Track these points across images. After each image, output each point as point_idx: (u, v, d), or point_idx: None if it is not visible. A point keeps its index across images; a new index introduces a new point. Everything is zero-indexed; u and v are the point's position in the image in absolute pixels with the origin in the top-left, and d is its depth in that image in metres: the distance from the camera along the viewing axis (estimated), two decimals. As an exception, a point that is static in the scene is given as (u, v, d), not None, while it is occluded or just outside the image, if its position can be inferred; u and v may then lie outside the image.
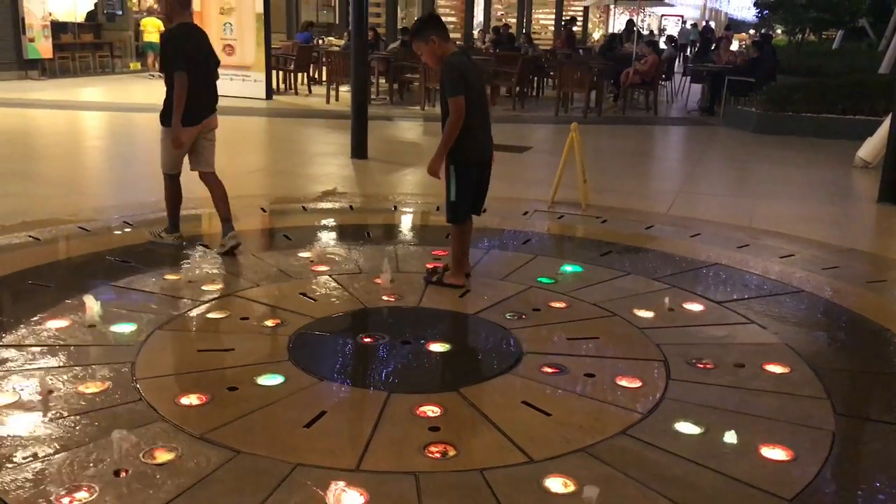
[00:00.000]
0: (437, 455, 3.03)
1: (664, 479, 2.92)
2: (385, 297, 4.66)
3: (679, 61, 21.69)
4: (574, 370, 3.78)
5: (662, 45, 20.38)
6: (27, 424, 3.13)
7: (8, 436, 3.04)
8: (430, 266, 5.13)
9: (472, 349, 4.19)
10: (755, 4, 25.99)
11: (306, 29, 17.69)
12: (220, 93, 5.58)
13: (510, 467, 2.97)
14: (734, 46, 20.44)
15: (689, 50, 27.71)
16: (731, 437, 3.22)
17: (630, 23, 20.07)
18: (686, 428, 3.29)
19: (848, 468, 3.11)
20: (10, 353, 3.77)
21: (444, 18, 18.89)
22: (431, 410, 3.34)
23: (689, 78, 17.48)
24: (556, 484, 2.86)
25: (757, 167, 9.86)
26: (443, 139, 4.62)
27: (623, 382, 3.68)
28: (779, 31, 31.65)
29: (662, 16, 45.35)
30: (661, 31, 40.63)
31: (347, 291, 4.78)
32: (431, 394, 3.48)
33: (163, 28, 5.38)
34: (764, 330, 4.38)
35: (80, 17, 19.43)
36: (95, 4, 19.65)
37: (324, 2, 27.51)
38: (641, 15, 40.37)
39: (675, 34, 37.69)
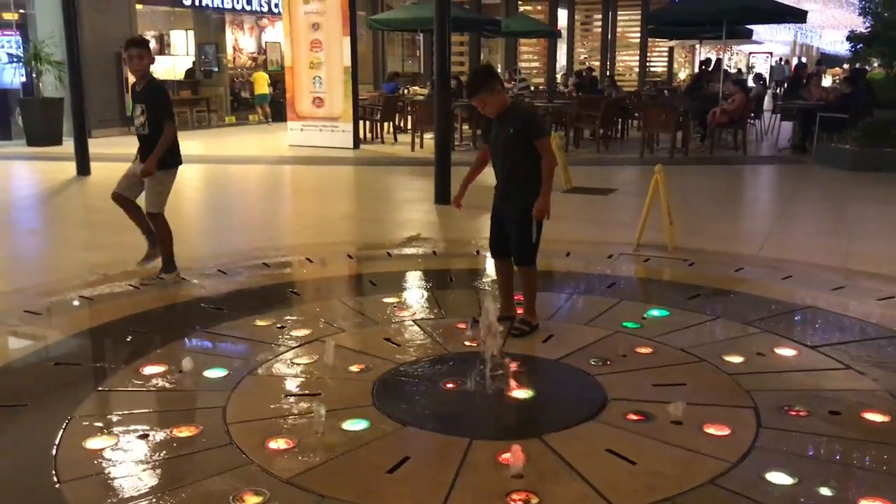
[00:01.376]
0: (520, 501, 3.01)
1: (756, 532, 2.82)
2: (467, 343, 4.68)
3: (769, 98, 21.23)
4: (660, 417, 3.70)
5: (751, 83, 20.03)
6: (123, 466, 3.26)
7: (104, 477, 3.18)
8: (520, 312, 5.13)
9: (556, 395, 4.16)
10: (848, 38, 25.21)
11: (392, 80, 18.15)
12: (310, 143, 5.82)
13: (594, 516, 2.92)
14: (826, 82, 19.91)
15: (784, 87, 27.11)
16: (826, 489, 3.09)
17: (718, 61, 19.78)
18: (778, 478, 3.18)
19: (956, 524, 2.94)
20: (109, 396, 3.95)
21: (527, 64, 19.18)
22: (515, 459, 3.32)
23: (779, 116, 17.07)
24: (642, 535, 2.80)
25: (852, 206, 9.52)
26: (546, 181, 4.66)
27: (711, 430, 3.58)
28: (875, 65, 30.64)
29: (750, 53, 44.56)
30: (750, 68, 39.91)
31: (430, 336, 4.83)
32: (514, 440, 3.46)
33: (153, 81, 5.79)
34: (862, 376, 4.20)
35: (178, 75, 20.45)
36: (193, 62, 20.65)
37: (409, 53, 28.20)
38: (728, 53, 39.81)
39: (765, 71, 37.10)
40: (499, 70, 28.44)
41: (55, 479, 3.17)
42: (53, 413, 3.75)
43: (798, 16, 15.02)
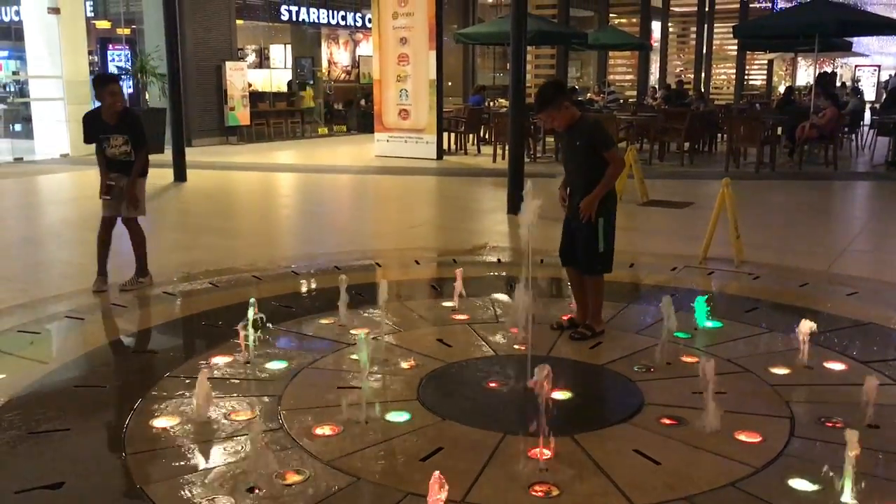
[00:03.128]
0: (541, 494, 3.17)
1: (766, 533, 2.90)
2: (517, 346, 4.85)
3: (869, 113, 20.49)
4: (693, 423, 3.78)
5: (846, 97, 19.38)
6: (182, 443, 3.59)
7: (165, 452, 3.51)
8: (565, 318, 5.27)
9: (594, 398, 4.29)
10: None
11: (478, 92, 18.42)
12: (395, 154, 6.07)
13: (609, 510, 3.06)
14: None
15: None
16: (848, 497, 3.12)
17: (823, 75, 19.23)
18: (800, 485, 3.24)
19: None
20: (179, 382, 4.31)
21: (620, 77, 19.06)
22: (542, 453, 3.48)
23: (874, 131, 16.50)
24: (653, 529, 2.92)
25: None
26: (602, 185, 4.85)
27: (742, 437, 3.65)
28: None
29: (856, 66, 42.94)
30: (856, 82, 38.49)
31: (482, 339, 5.02)
32: (545, 438, 3.61)
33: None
34: (912, 393, 4.17)
35: (274, 87, 21.31)
36: (289, 83, 21.46)
37: (500, 66, 28.45)
38: (831, 66, 38.52)
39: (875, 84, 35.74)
40: (590, 83, 28.43)
41: (123, 451, 3.53)
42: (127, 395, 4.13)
43: (895, 27, 14.51)
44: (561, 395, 4.13)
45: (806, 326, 4.58)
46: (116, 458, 3.50)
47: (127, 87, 16.93)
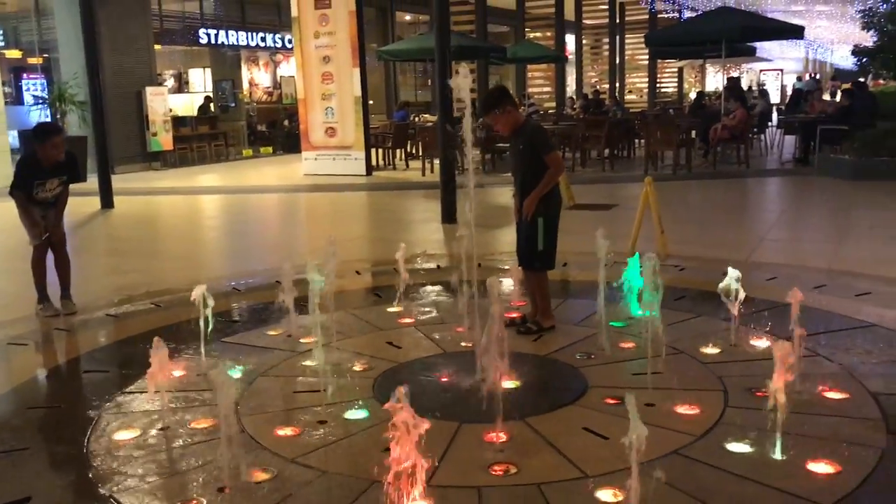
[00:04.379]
0: (500, 472, 3.36)
1: (709, 490, 3.16)
2: (463, 344, 5.03)
3: (775, 114, 21.50)
4: (635, 401, 4.02)
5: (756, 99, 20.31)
6: (146, 452, 3.65)
7: (130, 461, 3.57)
8: (509, 316, 5.49)
9: (542, 385, 4.50)
10: (853, 53, 25.50)
11: (402, 108, 18.67)
12: (324, 172, 6.16)
13: (565, 482, 3.27)
14: (827, 96, 20.18)
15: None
16: (778, 454, 3.40)
17: (732, 80, 20.10)
18: (736, 448, 3.51)
19: (890, 480, 3.25)
20: (135, 397, 4.35)
21: (538, 89, 19.51)
22: (498, 437, 3.67)
23: (781, 130, 17.38)
24: (607, 495, 3.15)
25: (846, 213, 9.81)
26: (541, 186, 5.10)
27: (681, 410, 3.92)
28: (880, 80, 30.87)
29: (761, 71, 44.84)
30: (761, 85, 40.15)
31: (430, 339, 5.20)
32: (499, 423, 3.81)
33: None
34: (829, 362, 4.53)
35: (196, 111, 21.12)
36: (206, 98, 21.30)
37: (421, 82, 28.80)
38: (738, 71, 40.13)
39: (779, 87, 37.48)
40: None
41: (87, 464, 3.57)
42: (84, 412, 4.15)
43: (796, 32, 15.35)
44: (511, 384, 4.33)
45: (732, 309, 4.91)
46: (81, 470, 3.54)
47: (44, 116, 16.57)
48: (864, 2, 25.37)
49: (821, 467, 3.29)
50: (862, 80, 25.29)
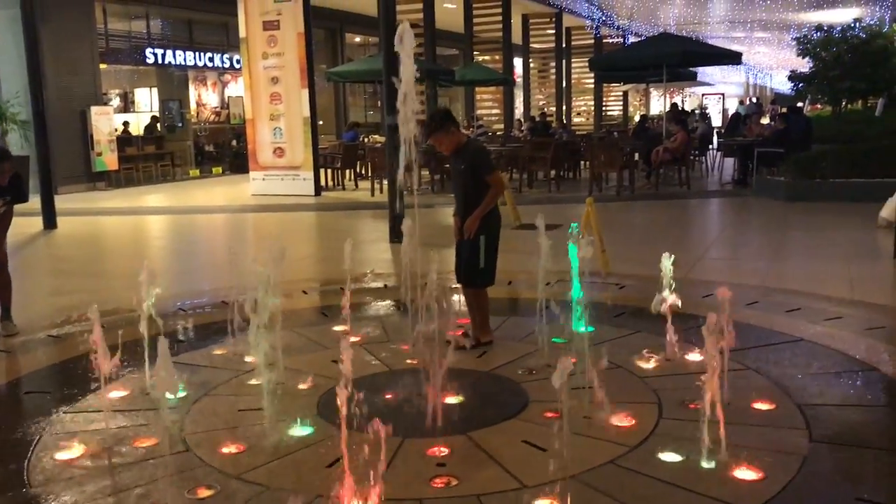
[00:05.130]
0: (441, 485, 3.45)
1: (641, 498, 3.29)
2: (409, 361, 5.12)
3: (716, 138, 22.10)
4: (574, 414, 4.15)
5: (697, 122, 20.91)
6: (88, 472, 3.66)
7: (72, 481, 3.57)
8: (452, 333, 5.58)
9: (484, 400, 4.61)
10: (789, 78, 26.41)
11: (352, 129, 18.75)
12: (272, 192, 6.20)
13: (504, 492, 3.37)
14: (767, 119, 20.86)
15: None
16: (707, 462, 3.56)
17: (674, 105, 20.72)
18: (668, 457, 3.66)
19: (811, 485, 3.42)
20: (78, 416, 4.34)
21: (487, 111, 19.74)
22: (440, 451, 3.76)
23: (721, 153, 17.90)
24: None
25: (780, 233, 10.17)
26: (483, 205, 5.24)
27: (617, 422, 4.06)
28: (817, 104, 31.98)
29: (704, 95, 46.08)
30: (704, 109, 41.23)
31: (376, 357, 5.27)
32: (442, 437, 3.90)
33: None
34: (757, 374, 4.72)
35: (143, 131, 20.92)
36: (153, 117, 21.12)
37: (371, 103, 28.93)
38: (680, 95, 41.18)
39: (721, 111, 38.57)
40: (459, 118, 29.29)
41: (28, 485, 3.56)
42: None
43: (733, 58, 15.89)
44: (454, 399, 4.43)
45: (668, 325, 5.09)
46: (21, 491, 3.53)
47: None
48: (799, 29, 26.33)
49: (746, 474, 3.45)
50: (800, 104, 26.21)
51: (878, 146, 13.00)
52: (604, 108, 33.61)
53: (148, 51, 20.57)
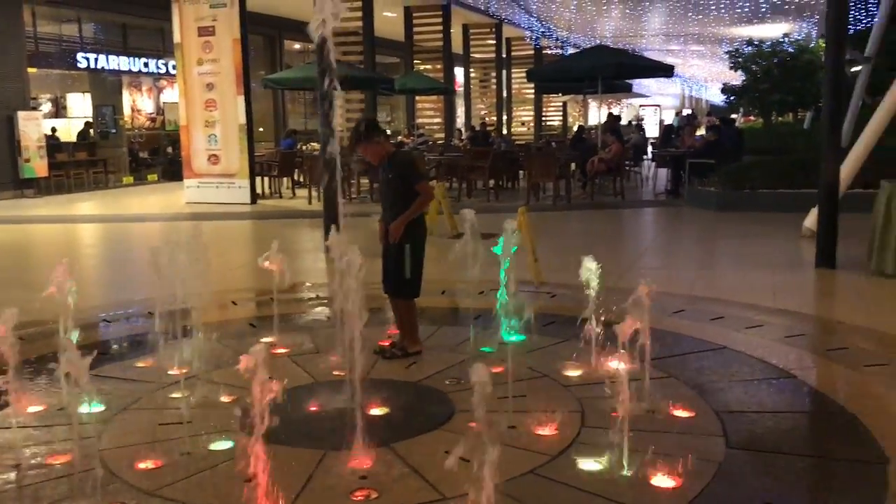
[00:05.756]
0: (361, 498, 3.43)
1: (560, 507, 3.31)
2: (336, 372, 5.08)
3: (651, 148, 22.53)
4: (499, 424, 4.17)
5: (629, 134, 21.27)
6: (4, 491, 3.54)
7: (-20, 500, 3.45)
8: (382, 343, 5.57)
9: (410, 411, 4.60)
10: (722, 91, 27.14)
11: (289, 136, 18.58)
12: (207, 200, 6.11)
13: (424, 504, 3.36)
14: (703, 131, 21.35)
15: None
16: (626, 470, 3.61)
17: (610, 115, 21.06)
18: (588, 465, 3.70)
19: (724, 492, 3.49)
20: (-12, 434, 4.19)
21: (428, 120, 19.68)
22: (362, 463, 3.74)
23: (654, 164, 18.26)
24: (463, 515, 3.24)
25: (709, 242, 10.41)
26: (409, 211, 5.25)
27: (540, 431, 4.09)
28: (751, 116, 32.93)
29: (641, 106, 47.00)
30: (640, 120, 42.06)
31: (303, 369, 5.22)
32: (365, 450, 3.87)
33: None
34: (679, 382, 4.81)
35: (75, 137, 20.42)
36: (86, 123, 20.63)
37: (311, 111, 28.75)
38: (618, 107, 41.91)
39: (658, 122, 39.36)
40: (400, 126, 29.31)
41: (-70, 504, 3.42)
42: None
43: (666, 70, 16.23)
44: (379, 410, 4.41)
45: (592, 333, 5.14)
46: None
47: None
48: (731, 43, 27.07)
49: (663, 481, 3.50)
50: (734, 116, 26.92)
51: (805, 158, 13.40)
52: (544, 119, 33.99)
53: (80, 55, 20.09)
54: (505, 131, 29.13)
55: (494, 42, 28.92)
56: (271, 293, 7.52)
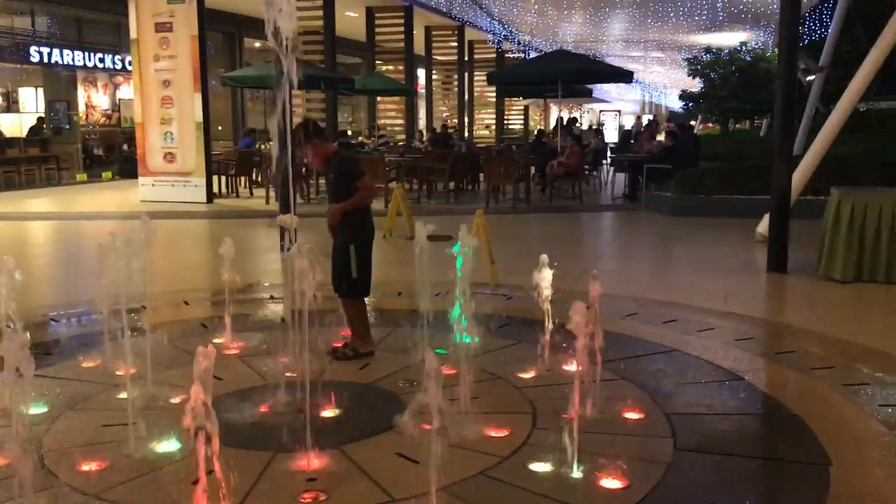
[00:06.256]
0: (310, 499, 3.39)
1: (508, 509, 3.30)
2: (288, 374, 5.01)
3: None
4: (450, 426, 4.15)
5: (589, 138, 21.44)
6: (-68, 493, 3.43)
7: (-87, 503, 3.34)
8: (336, 345, 5.53)
9: (362, 413, 4.56)
10: (680, 97, 27.50)
11: (248, 135, 18.41)
12: (162, 198, 6.02)
13: (372, 507, 3.33)
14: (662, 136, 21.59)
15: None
16: (575, 472, 3.62)
17: (561, 119, 21.29)
18: (538, 467, 3.70)
19: (670, 493, 3.52)
20: (-76, 435, 4.06)
21: (390, 121, 19.67)
22: (311, 465, 3.70)
23: (613, 168, 18.43)
24: (411, 517, 3.23)
25: (664, 247, 10.53)
26: (350, 202, 5.24)
27: (492, 433, 4.09)
28: (709, 123, 33.41)
29: (601, 111, 47.45)
30: (600, 125, 42.46)
31: (254, 370, 5.16)
32: (314, 452, 3.83)
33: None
34: (630, 384, 4.84)
35: (26, 133, 19.98)
36: (39, 118, 20.21)
37: (271, 109, 28.49)
38: (579, 111, 42.27)
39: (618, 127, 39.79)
40: (363, 127, 29.22)
41: None
42: None
43: (626, 76, 16.38)
44: (331, 412, 4.37)
45: (545, 336, 5.17)
46: None
47: None
48: (690, 50, 27.44)
49: (612, 483, 3.52)
50: (692, 122, 27.28)
51: (758, 164, 13.62)
52: (505, 122, 34.13)
53: (33, 49, 19.66)
54: (467, 134, 29.17)
55: (457, 44, 28.96)
56: (224, 293, 7.46)
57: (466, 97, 31.35)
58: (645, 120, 38.60)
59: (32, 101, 21.66)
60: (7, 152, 18.11)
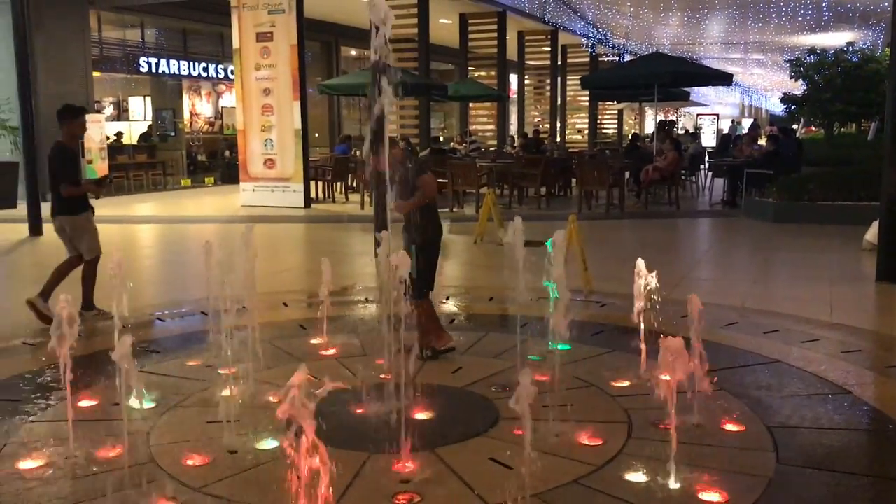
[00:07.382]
0: (404, 502, 3.43)
1: (603, 518, 3.26)
2: (382, 376, 5.09)
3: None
4: (543, 432, 4.14)
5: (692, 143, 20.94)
6: (56, 481, 3.63)
7: (38, 490, 3.53)
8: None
9: (454, 416, 4.58)
10: (782, 100, 26.56)
11: (344, 142, 18.77)
12: (262, 203, 6.26)
13: (466, 510, 3.34)
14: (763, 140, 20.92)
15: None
16: (672, 483, 3.54)
17: (661, 123, 20.81)
18: (634, 477, 3.64)
19: (775, 508, 3.41)
20: (46, 426, 4.30)
21: (481, 126, 19.69)
22: (406, 467, 3.74)
23: (711, 173, 17.96)
24: (506, 523, 3.23)
25: (765, 254, 10.18)
26: (412, 199, 5.43)
27: (585, 441, 4.04)
28: (812, 127, 32.19)
29: (698, 115, 46.34)
30: (698, 129, 41.47)
31: (349, 371, 5.25)
32: (408, 454, 3.87)
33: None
34: (732, 396, 4.70)
35: (135, 140, 20.92)
36: (149, 126, 21.13)
37: (366, 117, 29.00)
38: (675, 115, 41.37)
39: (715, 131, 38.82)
40: (454, 133, 29.38)
41: (-13, 492, 3.53)
42: (-11, 440, 4.10)
43: (724, 79, 15.96)
44: (424, 415, 4.41)
45: (643, 345, 5.08)
46: (-19, 501, 3.50)
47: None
48: (793, 52, 26.51)
49: (711, 496, 3.43)
50: (794, 126, 26.35)
51: (865, 169, 13.04)
52: (599, 126, 33.73)
53: (142, 59, 20.61)
54: (559, 139, 28.95)
55: (550, 49, 28.80)
56: (320, 296, 7.63)
57: (559, 101, 31.14)
58: (745, 124, 37.52)
59: (140, 110, 22.68)
60: (118, 158, 18.99)
